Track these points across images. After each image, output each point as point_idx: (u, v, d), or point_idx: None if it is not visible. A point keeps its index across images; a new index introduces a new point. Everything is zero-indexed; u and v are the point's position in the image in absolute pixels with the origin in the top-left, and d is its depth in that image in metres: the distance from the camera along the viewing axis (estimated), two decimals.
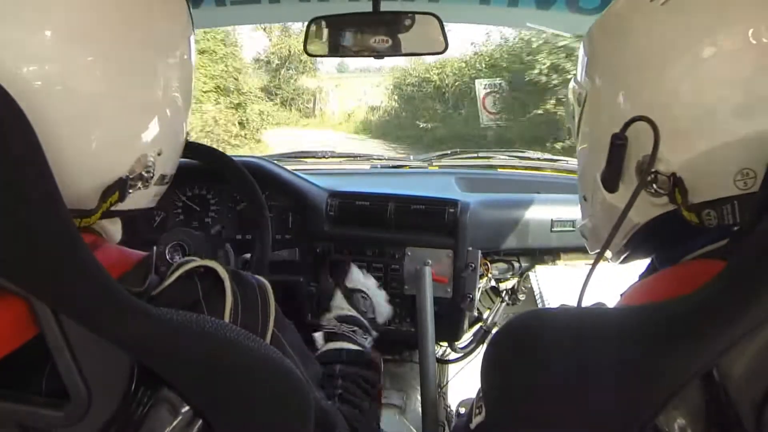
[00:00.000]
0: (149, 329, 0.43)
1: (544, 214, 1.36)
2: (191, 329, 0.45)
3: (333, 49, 1.18)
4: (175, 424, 0.46)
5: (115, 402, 0.43)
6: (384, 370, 1.47)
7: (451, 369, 1.58)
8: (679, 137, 0.49)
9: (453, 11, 1.38)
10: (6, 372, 0.44)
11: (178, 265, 0.53)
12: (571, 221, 1.35)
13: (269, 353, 0.50)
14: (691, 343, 0.36)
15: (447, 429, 1.36)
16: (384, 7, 1.11)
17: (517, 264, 1.43)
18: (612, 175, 0.54)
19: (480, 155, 1.81)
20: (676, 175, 0.49)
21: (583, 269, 1.42)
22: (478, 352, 1.47)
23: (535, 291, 1.39)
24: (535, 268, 1.42)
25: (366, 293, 1.01)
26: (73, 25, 0.46)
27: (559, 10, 1.30)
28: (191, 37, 0.59)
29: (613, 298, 0.55)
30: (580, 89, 0.61)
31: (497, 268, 1.42)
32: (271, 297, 0.57)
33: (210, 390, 0.47)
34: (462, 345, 1.46)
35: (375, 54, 1.15)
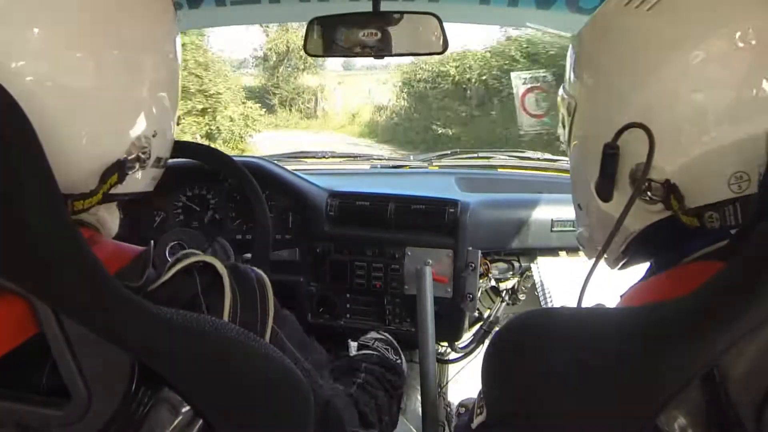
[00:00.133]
0: (149, 329, 0.43)
1: (545, 214, 1.36)
2: (191, 329, 0.45)
3: (333, 49, 1.18)
4: (175, 424, 0.46)
5: (115, 401, 0.43)
6: None
7: (451, 369, 1.58)
8: (670, 144, 0.48)
9: (453, 11, 1.38)
10: (6, 371, 0.44)
11: (176, 260, 0.53)
12: (571, 221, 1.35)
13: (269, 352, 0.50)
14: (691, 343, 0.36)
15: (447, 429, 1.36)
16: (384, 7, 1.11)
17: (517, 264, 1.43)
18: (605, 184, 0.53)
19: (480, 155, 1.81)
20: (670, 181, 0.49)
21: (585, 262, 1.42)
22: (478, 352, 1.47)
23: (537, 283, 1.39)
24: (537, 260, 1.42)
25: (383, 338, 1.07)
26: (63, 24, 0.48)
27: (559, 10, 1.30)
28: (177, 36, 0.62)
29: (612, 299, 0.55)
30: (569, 98, 0.60)
31: (497, 268, 1.42)
32: (270, 291, 0.57)
33: (210, 390, 0.47)
34: (462, 345, 1.46)
35: (375, 54, 1.16)
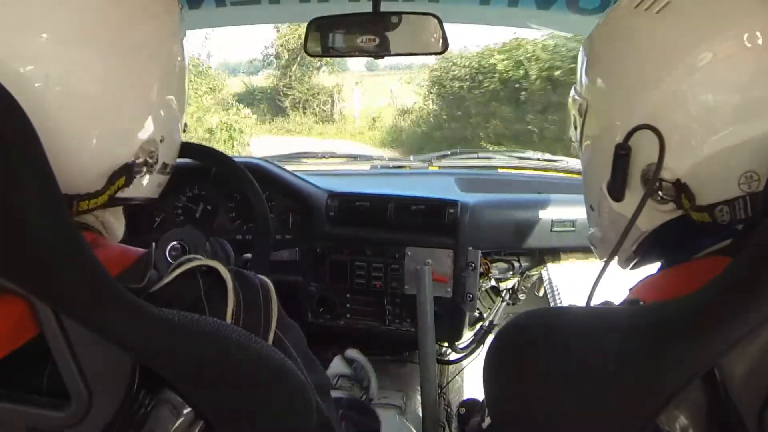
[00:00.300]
0: (150, 330, 0.43)
1: (544, 214, 1.36)
2: (193, 330, 0.45)
3: (333, 49, 1.19)
4: (176, 425, 0.46)
5: (116, 402, 0.43)
6: (384, 370, 1.48)
7: (451, 369, 1.58)
8: (681, 144, 0.49)
9: (453, 11, 1.38)
10: (6, 372, 0.44)
11: (179, 263, 0.53)
12: (571, 221, 1.36)
13: (271, 354, 0.50)
14: (691, 343, 0.36)
15: (447, 429, 1.36)
16: (384, 7, 1.11)
17: (517, 264, 1.44)
18: (617, 184, 0.54)
19: (480, 155, 1.81)
20: (681, 181, 0.49)
21: (593, 266, 1.42)
22: (478, 352, 1.47)
23: (548, 290, 1.38)
24: (546, 266, 1.42)
25: (362, 363, 1.09)
26: (71, 27, 0.47)
27: (559, 10, 1.30)
28: (183, 39, 0.62)
29: (620, 296, 0.54)
30: (580, 99, 0.61)
31: (497, 268, 1.42)
32: (274, 297, 0.57)
33: (211, 391, 0.47)
34: (462, 345, 1.46)
35: (375, 54, 1.16)
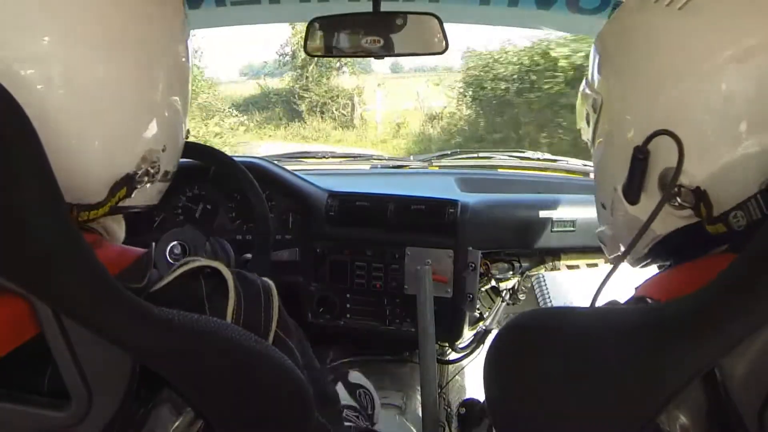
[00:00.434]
0: (150, 330, 0.43)
1: (545, 214, 1.36)
2: (193, 330, 0.45)
3: (333, 49, 1.19)
4: (177, 424, 0.46)
5: (116, 402, 0.43)
6: (384, 370, 1.48)
7: (451, 369, 1.58)
8: (701, 148, 0.47)
9: (453, 11, 1.38)
10: (6, 372, 0.44)
11: (182, 264, 0.53)
12: (572, 221, 1.36)
13: (270, 353, 0.50)
14: (691, 343, 0.36)
15: (447, 429, 1.36)
16: (384, 7, 1.11)
17: (517, 264, 1.44)
18: (633, 188, 0.53)
19: (480, 155, 1.81)
20: (701, 188, 0.48)
21: (586, 271, 1.42)
22: (478, 352, 1.47)
23: (539, 298, 1.38)
24: (542, 275, 1.42)
25: (367, 389, 1.05)
26: (75, 28, 0.47)
27: (559, 10, 1.30)
28: (188, 40, 0.61)
29: (626, 295, 0.54)
30: (594, 95, 0.59)
31: (497, 268, 1.42)
32: (275, 298, 0.56)
33: (210, 391, 0.47)
34: (462, 345, 1.46)
35: (375, 54, 1.16)
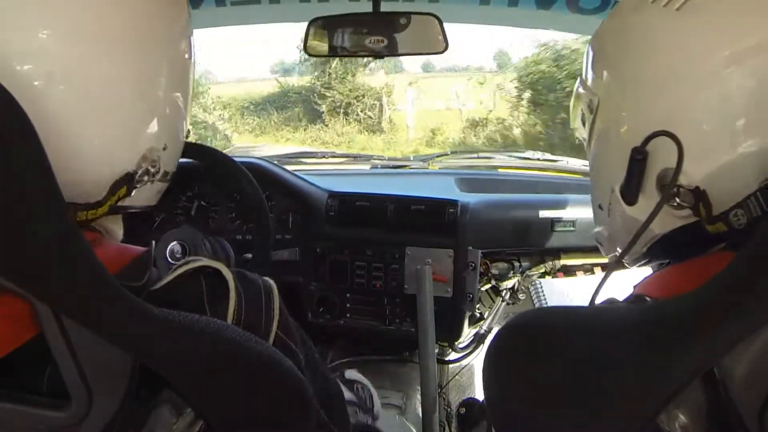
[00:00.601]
0: (150, 330, 0.43)
1: (544, 214, 1.36)
2: (192, 330, 0.45)
3: (333, 49, 1.19)
4: (177, 424, 0.46)
5: (116, 402, 0.43)
6: (384, 370, 1.48)
7: (451, 369, 1.58)
8: (699, 149, 0.47)
9: (453, 11, 1.38)
10: (6, 372, 0.44)
11: (182, 263, 0.53)
12: (572, 221, 1.36)
13: (271, 354, 0.50)
14: (691, 342, 0.36)
15: (447, 429, 1.36)
16: (384, 7, 1.11)
17: (517, 264, 1.43)
18: (631, 188, 0.52)
19: (480, 155, 1.81)
20: (700, 188, 0.48)
21: (583, 278, 1.42)
22: (478, 352, 1.47)
23: (536, 304, 1.38)
24: (539, 282, 1.41)
25: (364, 383, 1.03)
26: (75, 25, 0.47)
27: (559, 10, 1.30)
28: (191, 38, 0.60)
29: (624, 293, 0.54)
30: (590, 95, 0.59)
31: (497, 268, 1.42)
32: (276, 299, 0.56)
33: (210, 392, 0.47)
34: (462, 345, 1.46)
35: (375, 54, 1.16)
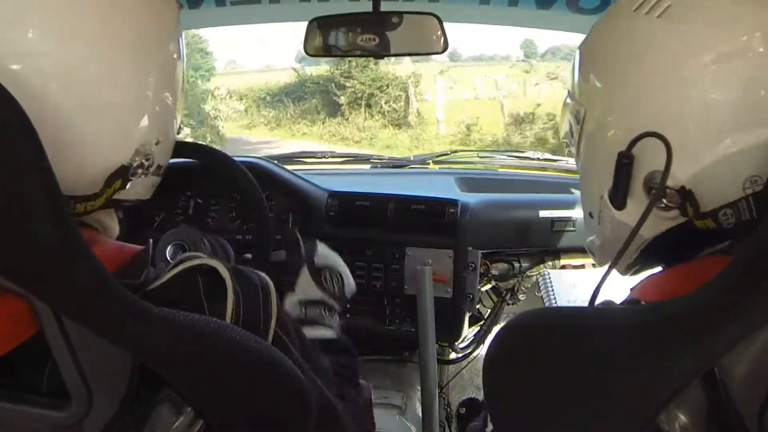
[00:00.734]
0: (149, 329, 0.43)
1: (545, 214, 1.36)
2: (192, 330, 0.45)
3: (333, 49, 1.19)
4: (177, 424, 0.46)
5: (116, 402, 0.43)
6: (384, 370, 1.48)
7: (451, 369, 1.58)
8: (684, 151, 0.48)
9: (453, 11, 1.38)
10: (6, 371, 0.44)
11: (179, 261, 0.53)
12: (572, 221, 1.36)
13: (271, 353, 0.50)
14: (691, 342, 0.36)
15: (447, 429, 1.36)
16: (384, 7, 1.11)
17: (517, 264, 1.43)
18: (619, 193, 0.53)
19: (480, 155, 1.82)
20: (686, 188, 0.49)
21: (591, 270, 1.41)
22: (478, 352, 1.47)
23: (543, 295, 1.37)
24: (548, 272, 1.40)
25: (337, 269, 0.93)
26: (72, 27, 0.48)
27: (559, 10, 1.30)
28: (180, 39, 0.61)
29: (621, 296, 0.54)
30: (577, 106, 0.60)
31: (497, 268, 1.42)
32: (274, 296, 0.56)
33: (210, 391, 0.47)
34: (462, 345, 1.46)
35: (375, 54, 1.16)
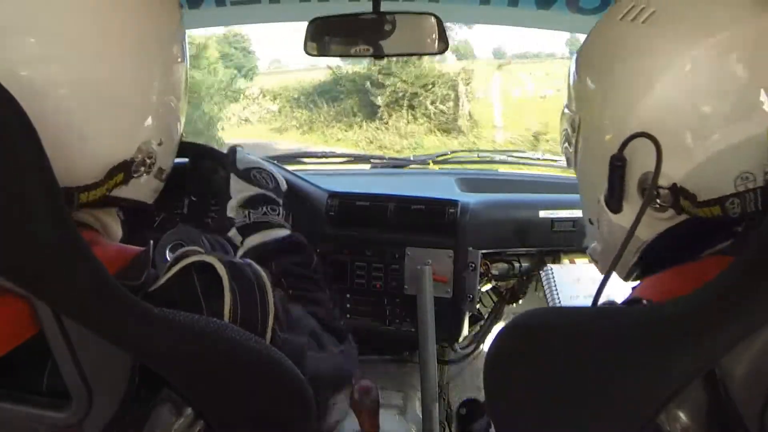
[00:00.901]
0: (150, 330, 0.43)
1: (545, 214, 1.36)
2: (192, 330, 0.45)
3: (333, 49, 1.19)
4: (177, 424, 0.46)
5: (116, 402, 0.43)
6: (384, 370, 1.48)
7: (451, 369, 1.58)
8: (675, 150, 0.49)
9: (453, 11, 1.39)
10: (6, 371, 0.44)
11: (175, 260, 0.53)
12: (572, 221, 1.35)
13: (271, 353, 0.50)
14: (691, 342, 0.36)
15: (447, 429, 1.36)
16: (384, 7, 1.11)
17: (517, 264, 1.43)
18: (615, 196, 0.54)
19: (480, 155, 1.82)
20: (677, 185, 0.50)
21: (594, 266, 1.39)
22: (478, 352, 1.47)
23: (546, 292, 1.37)
24: (551, 267, 1.40)
25: (260, 167, 0.90)
26: (77, 31, 0.48)
27: (559, 10, 1.30)
28: (184, 42, 0.62)
29: (623, 295, 0.54)
30: (573, 114, 0.61)
31: (497, 268, 1.42)
32: (270, 292, 0.55)
33: (209, 391, 0.47)
34: (462, 345, 1.46)
35: (376, 54, 1.16)
